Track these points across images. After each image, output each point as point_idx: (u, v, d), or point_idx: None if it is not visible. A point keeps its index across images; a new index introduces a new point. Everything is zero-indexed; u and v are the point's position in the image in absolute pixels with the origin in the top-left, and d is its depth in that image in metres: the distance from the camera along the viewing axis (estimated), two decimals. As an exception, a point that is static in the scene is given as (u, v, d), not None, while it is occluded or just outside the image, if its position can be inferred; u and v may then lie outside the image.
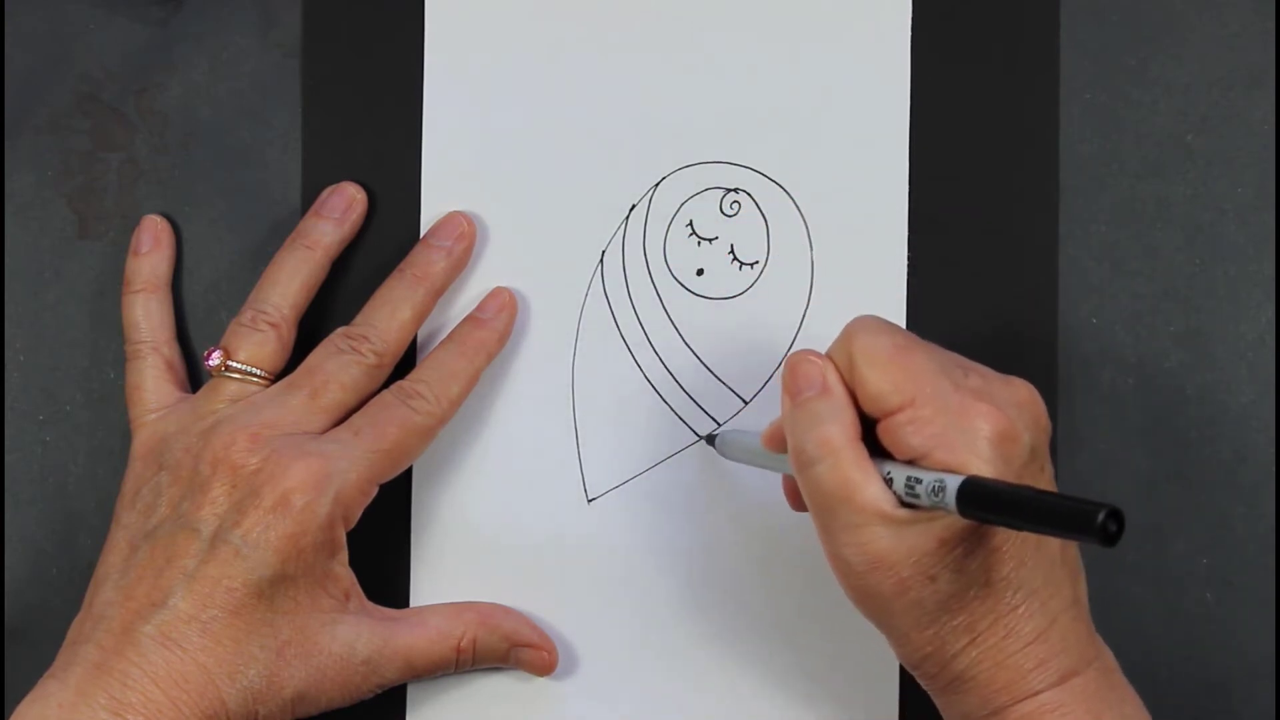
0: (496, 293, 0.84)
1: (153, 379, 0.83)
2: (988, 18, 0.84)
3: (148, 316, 0.84)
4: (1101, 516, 0.65)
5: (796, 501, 0.79)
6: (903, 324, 0.83)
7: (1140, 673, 0.83)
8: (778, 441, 0.77)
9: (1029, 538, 0.73)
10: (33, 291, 0.86)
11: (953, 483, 0.70)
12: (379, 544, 0.84)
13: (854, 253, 0.84)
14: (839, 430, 0.73)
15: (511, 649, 0.83)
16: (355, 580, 0.80)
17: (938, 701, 0.76)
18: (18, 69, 0.86)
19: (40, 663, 0.77)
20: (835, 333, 0.77)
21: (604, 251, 0.85)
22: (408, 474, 0.84)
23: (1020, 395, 0.74)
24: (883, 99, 0.84)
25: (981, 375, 0.75)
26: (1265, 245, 0.83)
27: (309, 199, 0.85)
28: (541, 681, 0.84)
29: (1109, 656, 0.75)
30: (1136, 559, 0.83)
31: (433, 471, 0.84)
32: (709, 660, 0.84)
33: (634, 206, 0.85)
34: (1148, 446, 0.83)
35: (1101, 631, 0.82)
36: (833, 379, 0.74)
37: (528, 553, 0.84)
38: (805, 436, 0.74)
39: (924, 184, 0.84)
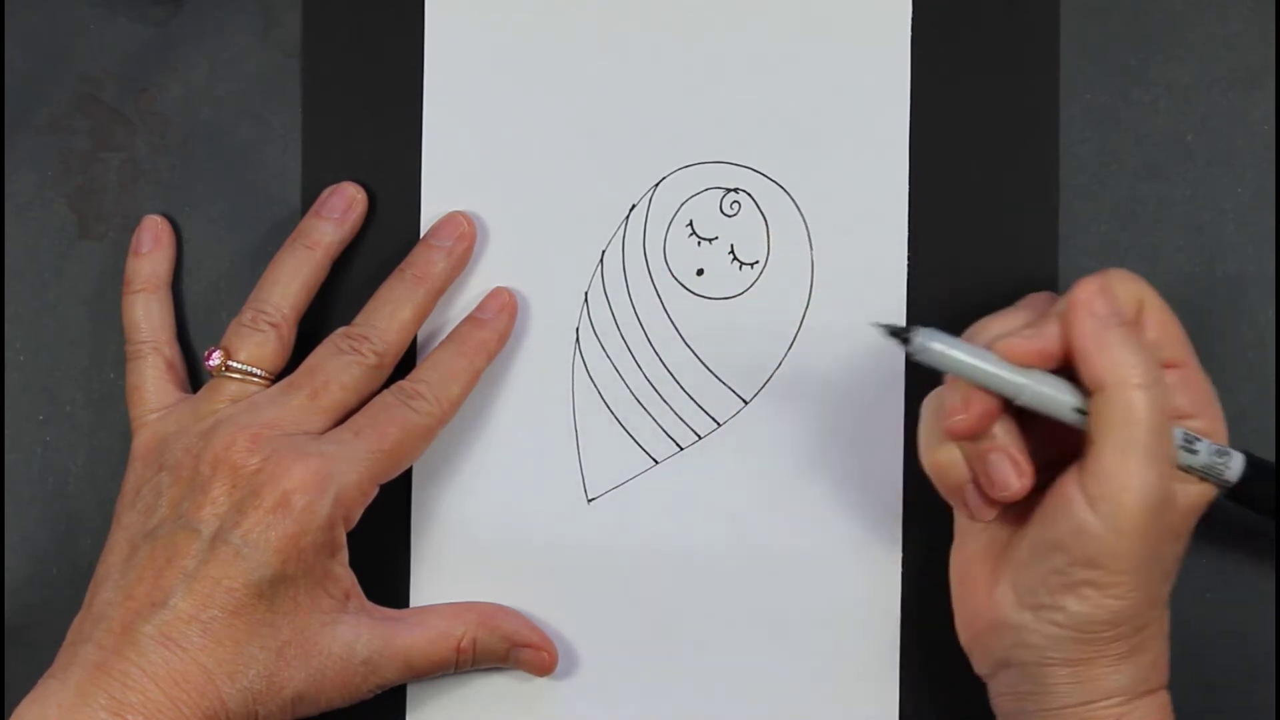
0: (496, 293, 0.84)
1: (153, 379, 0.83)
2: (988, 18, 0.84)
3: (148, 316, 0.84)
4: None
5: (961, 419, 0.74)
6: (902, 323, 0.83)
7: (1140, 673, 0.83)
8: (1038, 356, 0.73)
9: None
10: (33, 291, 0.86)
11: (1238, 456, 0.71)
12: (379, 544, 0.84)
13: (854, 253, 0.84)
14: (1152, 359, 0.72)
15: (511, 649, 0.83)
16: (355, 580, 0.80)
17: (1122, 667, 0.74)
18: (18, 69, 0.86)
19: (40, 663, 0.77)
20: (836, 332, 0.77)
21: (604, 251, 0.85)
22: (408, 474, 0.84)
23: None
24: (883, 99, 0.84)
25: None
26: (1265, 245, 0.83)
27: (309, 199, 0.85)
28: (541, 681, 0.84)
29: None
30: (1136, 559, 0.83)
31: (433, 471, 0.84)
32: (709, 660, 0.84)
33: (634, 206, 0.85)
34: (1148, 446, 0.83)
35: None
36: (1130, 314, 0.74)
37: (528, 553, 0.84)
38: (1133, 358, 0.71)
39: (924, 184, 0.84)
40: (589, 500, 0.85)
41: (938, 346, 0.72)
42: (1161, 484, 0.72)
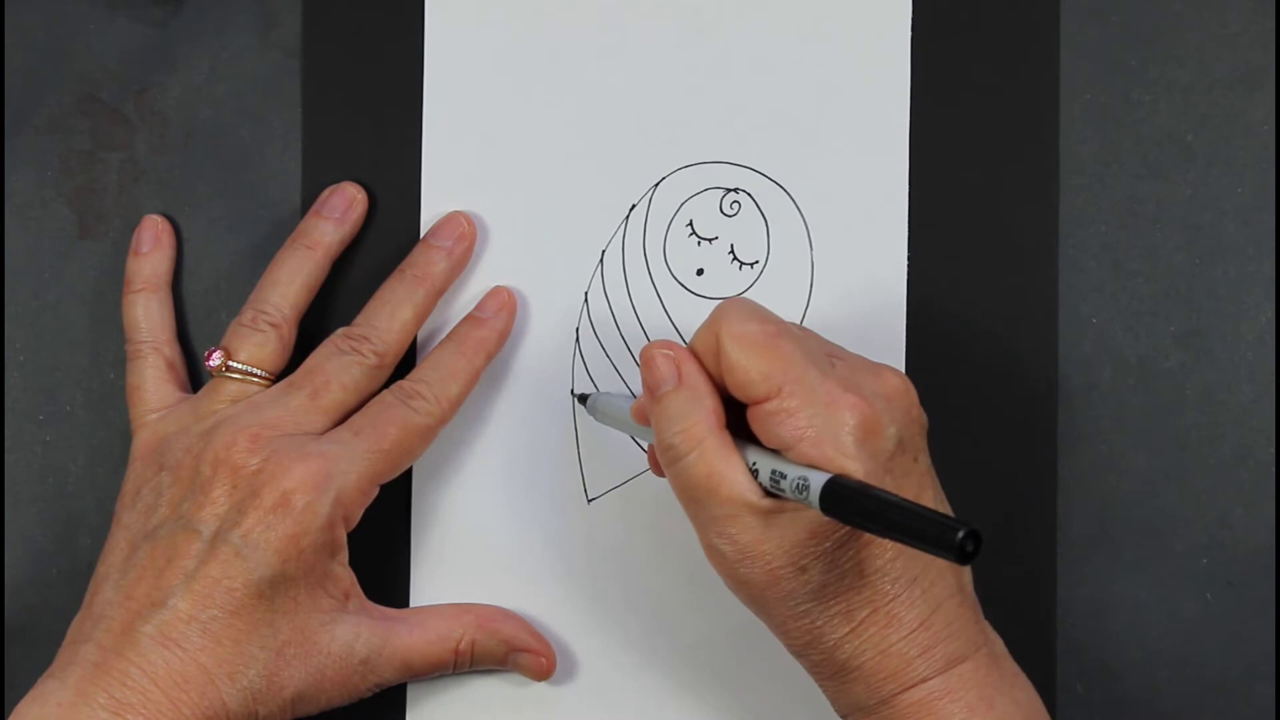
0: (496, 292, 0.84)
1: (153, 379, 0.83)
2: (988, 18, 0.84)
3: (148, 316, 0.84)
4: (960, 536, 0.65)
5: (658, 467, 0.78)
6: (902, 324, 0.83)
7: (1140, 673, 0.83)
8: (645, 417, 0.76)
9: None
10: (33, 291, 0.86)
11: (816, 481, 0.70)
12: (379, 544, 0.84)
13: (854, 253, 0.84)
14: (700, 422, 0.73)
15: (509, 653, 0.83)
16: (355, 580, 0.80)
17: (827, 690, 0.75)
18: (18, 69, 0.86)
19: (40, 663, 0.77)
20: (836, 332, 0.77)
21: (604, 251, 0.85)
22: (408, 474, 0.84)
23: (890, 386, 0.74)
24: (883, 99, 0.84)
25: (850, 365, 0.74)
26: (1265, 245, 0.83)
27: (309, 199, 0.85)
28: (541, 682, 0.84)
29: (998, 643, 0.75)
30: (1136, 559, 0.83)
31: (433, 471, 0.84)
32: (708, 661, 0.84)
33: (634, 206, 0.85)
34: (1148, 446, 0.83)
35: (1100, 632, 0.82)
36: (689, 370, 0.74)
37: (528, 553, 0.84)
38: (668, 431, 0.74)
39: (924, 184, 0.84)
40: (589, 500, 0.85)
41: (599, 407, 0.82)
42: (710, 541, 0.73)
